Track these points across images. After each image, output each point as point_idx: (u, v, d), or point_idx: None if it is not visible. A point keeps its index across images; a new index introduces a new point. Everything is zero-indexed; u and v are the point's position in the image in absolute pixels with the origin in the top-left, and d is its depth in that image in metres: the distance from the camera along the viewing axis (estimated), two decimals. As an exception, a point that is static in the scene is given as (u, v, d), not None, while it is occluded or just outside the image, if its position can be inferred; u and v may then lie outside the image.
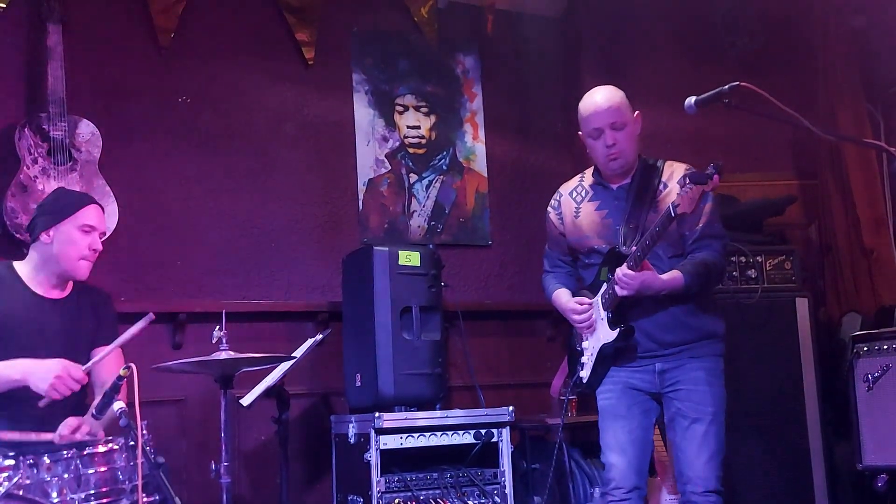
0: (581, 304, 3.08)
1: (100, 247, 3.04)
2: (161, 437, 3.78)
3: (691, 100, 2.90)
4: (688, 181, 2.70)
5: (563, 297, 3.19)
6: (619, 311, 2.97)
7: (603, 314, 3.02)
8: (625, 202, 3.05)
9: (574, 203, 3.18)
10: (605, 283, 3.01)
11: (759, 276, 4.07)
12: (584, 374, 3.10)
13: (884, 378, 3.61)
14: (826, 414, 4.03)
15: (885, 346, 3.63)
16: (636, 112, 3.09)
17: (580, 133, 3.13)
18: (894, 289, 4.35)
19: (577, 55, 4.94)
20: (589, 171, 3.21)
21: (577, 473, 3.96)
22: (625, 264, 2.85)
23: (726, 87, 2.82)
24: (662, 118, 4.69)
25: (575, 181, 3.25)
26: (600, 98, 3.05)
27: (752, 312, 4.03)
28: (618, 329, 2.95)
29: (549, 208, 3.28)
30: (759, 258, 4.09)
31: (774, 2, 4.73)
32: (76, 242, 2.98)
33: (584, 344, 3.12)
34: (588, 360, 3.09)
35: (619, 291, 2.86)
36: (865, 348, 3.70)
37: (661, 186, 3.03)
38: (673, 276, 2.90)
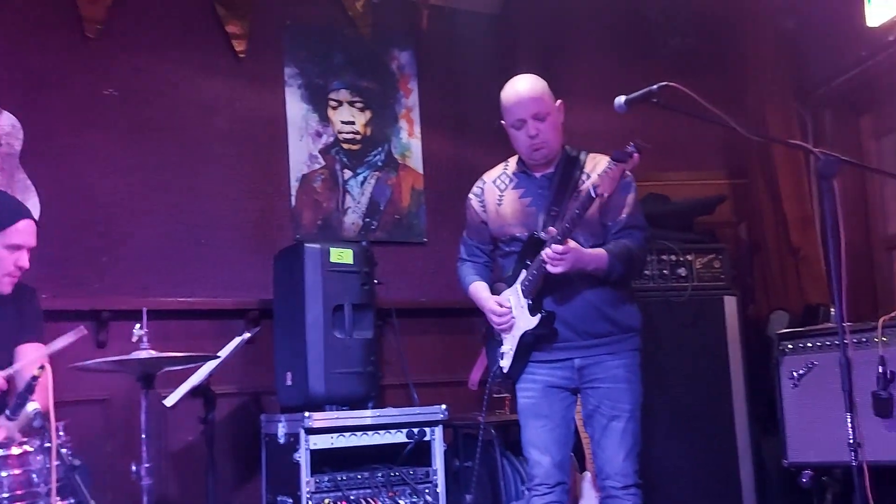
0: (501, 307, 3.06)
1: (27, 265, 2.95)
2: (84, 438, 3.71)
3: (621, 99, 2.92)
4: (609, 160, 2.73)
5: (481, 291, 3.16)
6: (540, 299, 2.97)
7: (523, 302, 3.00)
8: (548, 190, 3.05)
9: (497, 191, 3.16)
10: (524, 270, 3.00)
11: (689, 275, 4.12)
12: (505, 363, 3.07)
13: (809, 375, 3.67)
14: (753, 411, 4.10)
15: (811, 344, 3.69)
16: (558, 101, 3.09)
17: (502, 122, 3.12)
18: (821, 287, 4.43)
19: (513, 52, 4.93)
20: (513, 160, 3.20)
21: (508, 471, 3.96)
22: (550, 244, 2.83)
23: (655, 86, 2.84)
24: (597, 116, 4.69)
25: (499, 169, 3.23)
26: (522, 88, 3.04)
27: (682, 310, 4.07)
28: (539, 315, 2.94)
29: (470, 195, 3.25)
30: (689, 256, 4.13)
31: (707, 3, 4.79)
32: (2, 260, 2.88)
33: (506, 334, 3.10)
34: (509, 349, 3.07)
35: (552, 269, 2.83)
36: (791, 346, 3.76)
37: (583, 177, 3.03)
38: (599, 252, 2.91)
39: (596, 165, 3.03)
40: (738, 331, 4.12)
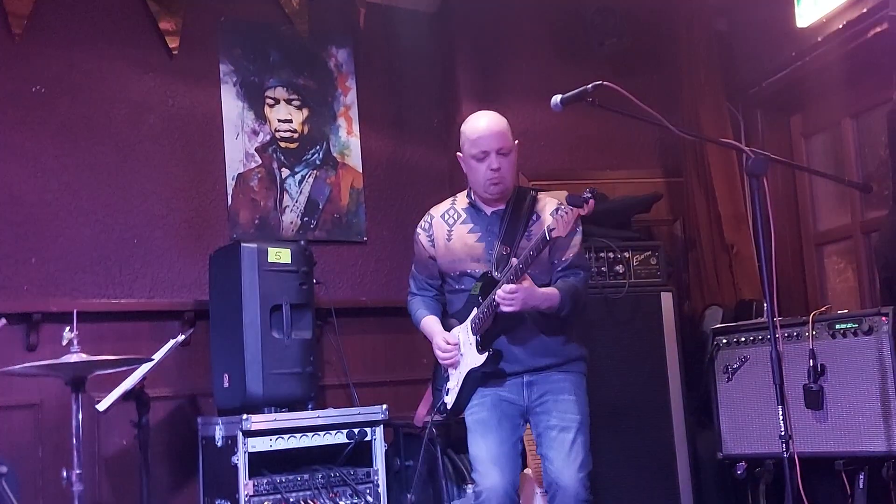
0: (448, 344, 3.06)
1: None
2: (13, 444, 3.64)
3: (557, 98, 2.94)
4: (565, 203, 2.74)
5: (433, 326, 3.16)
6: (488, 336, 2.99)
7: (472, 339, 3.01)
8: (498, 228, 3.06)
9: (446, 226, 3.15)
10: (475, 308, 3.01)
11: (626, 272, 4.16)
12: (450, 399, 3.09)
13: (742, 369, 3.75)
14: (689, 404, 4.16)
15: (744, 339, 3.77)
16: (517, 140, 3.10)
17: (459, 154, 3.11)
18: (754, 283, 4.52)
19: (451, 51, 4.94)
20: (461, 195, 3.20)
21: (450, 470, 3.96)
22: (502, 284, 2.85)
23: (590, 85, 2.87)
24: (535, 115, 4.77)
25: (447, 204, 3.22)
26: (490, 121, 3.06)
27: (619, 307, 4.11)
28: (486, 353, 2.96)
29: (418, 230, 3.22)
30: (626, 254, 4.18)
31: (642, 4, 4.85)
32: None
33: (452, 371, 3.10)
34: (454, 386, 3.07)
35: (506, 308, 2.84)
36: (725, 341, 3.83)
37: (533, 216, 3.07)
38: (550, 290, 2.94)
39: (546, 205, 3.08)
40: (675, 326, 4.18)
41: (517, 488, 3.03)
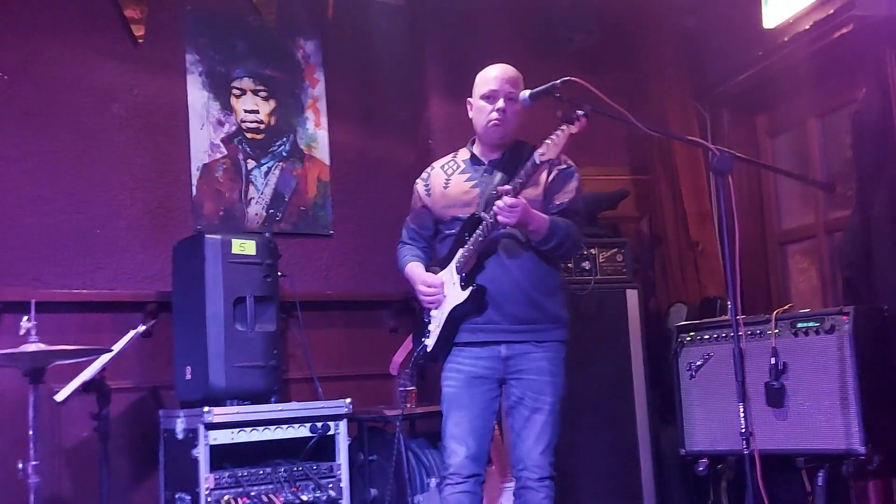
0: (434, 280, 3.12)
1: None
2: (-30, 437, 3.57)
3: (525, 93, 2.97)
4: (559, 115, 2.80)
5: (415, 270, 3.23)
6: (472, 275, 3.03)
7: (455, 278, 3.05)
8: (491, 175, 3.12)
9: (445, 175, 3.23)
10: (460, 249, 3.05)
11: (592, 268, 4.18)
12: (430, 341, 3.13)
13: (706, 367, 3.77)
14: (653, 401, 4.19)
15: (707, 336, 3.79)
16: (525, 96, 3.07)
17: (469, 100, 3.20)
18: (718, 281, 4.55)
19: (421, 44, 4.91)
20: (463, 150, 3.28)
21: (414, 464, 3.95)
22: (503, 197, 2.86)
23: (558, 81, 2.88)
24: (504, 110, 4.75)
25: (448, 157, 3.31)
26: (504, 68, 3.17)
27: (585, 303, 4.12)
28: (469, 289, 3.00)
29: (418, 181, 3.31)
30: (592, 250, 4.19)
31: (611, 1, 4.86)
32: None
33: (435, 313, 3.15)
34: (435, 328, 3.12)
35: (503, 219, 2.87)
36: (689, 338, 3.85)
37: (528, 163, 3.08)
38: (543, 216, 2.99)
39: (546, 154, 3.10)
40: (640, 323, 4.20)
41: (484, 464, 3.08)
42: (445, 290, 3.10)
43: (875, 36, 3.54)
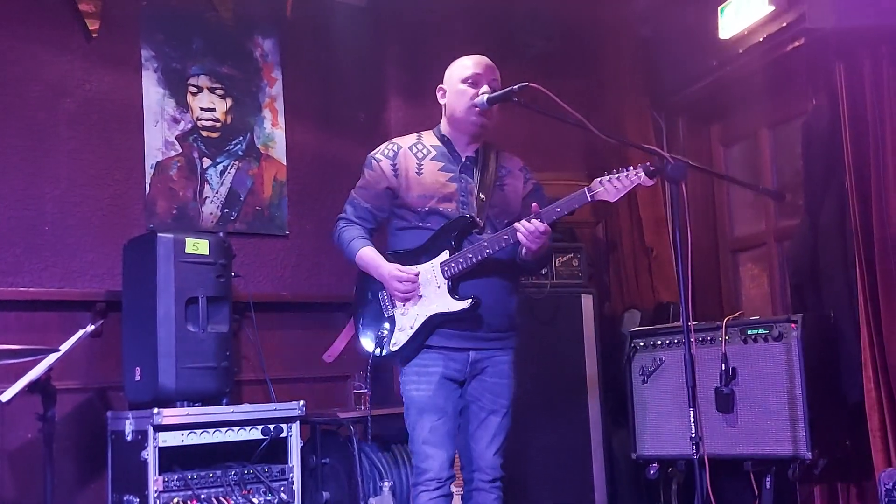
0: (408, 276, 2.92)
1: None
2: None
3: (483, 97, 2.98)
4: (643, 172, 2.78)
5: (376, 258, 3.00)
6: (458, 283, 2.91)
7: (441, 282, 2.91)
8: (471, 174, 3.02)
9: (415, 158, 3.03)
10: (447, 250, 2.92)
11: (548, 273, 4.20)
12: (400, 339, 2.94)
13: (658, 372, 3.82)
14: (607, 405, 4.22)
15: (660, 342, 3.84)
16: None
17: (441, 87, 3.09)
18: (671, 287, 4.60)
19: (381, 46, 4.90)
20: (427, 132, 3.13)
21: (367, 467, 3.94)
22: (532, 219, 2.81)
23: (516, 86, 2.90)
24: (462, 114, 4.75)
25: (412, 138, 3.11)
26: (484, 58, 3.09)
27: (540, 307, 4.15)
28: (469, 301, 2.87)
29: (378, 156, 3.06)
30: (547, 255, 4.21)
31: (569, 7, 4.89)
32: None
33: (403, 308, 2.96)
34: (408, 326, 2.94)
35: (529, 243, 2.81)
36: (642, 343, 3.89)
37: (501, 170, 3.07)
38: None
39: (511, 161, 3.14)
40: (594, 328, 4.24)
41: (453, 464, 3.03)
42: (423, 288, 2.94)
43: (825, 49, 3.61)
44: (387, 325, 2.99)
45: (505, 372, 3.03)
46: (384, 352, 2.98)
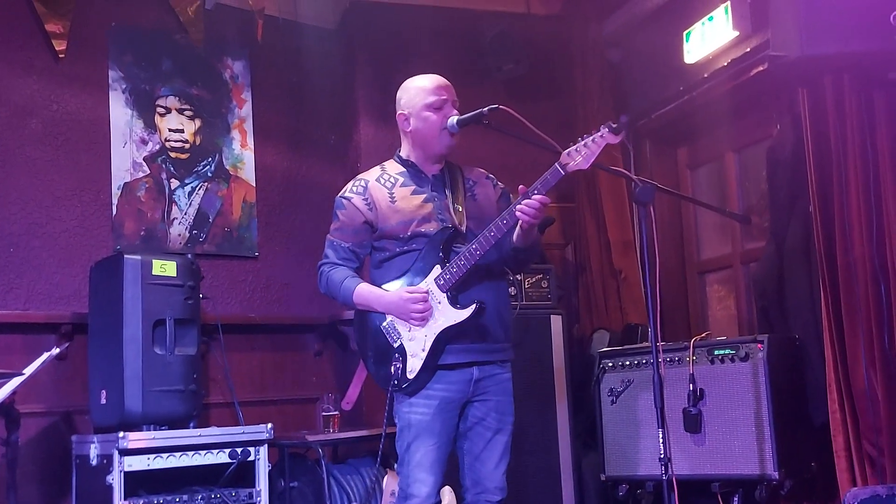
0: (420, 295, 2.84)
1: None
2: None
3: (453, 119, 2.98)
4: (607, 130, 2.76)
5: (375, 290, 2.94)
6: (456, 293, 2.86)
7: (440, 297, 2.85)
8: (440, 191, 3.00)
9: (385, 189, 3.00)
10: (437, 266, 2.88)
11: (518, 294, 4.20)
12: (415, 365, 2.85)
13: (626, 392, 3.84)
14: (576, 426, 4.22)
15: (629, 363, 3.86)
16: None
17: (403, 112, 3.02)
18: (640, 308, 4.64)
19: (351, 69, 4.92)
20: (388, 162, 3.10)
21: (336, 491, 3.91)
22: (527, 197, 2.80)
23: (486, 108, 2.92)
24: (432, 136, 4.77)
25: (376, 171, 3.07)
26: (439, 77, 3.06)
27: (510, 329, 4.15)
28: (474, 306, 2.82)
29: (349, 195, 3.01)
30: (518, 276, 4.22)
31: (539, 31, 4.94)
32: None
33: (410, 334, 2.88)
34: (420, 350, 2.86)
35: (529, 218, 2.80)
36: (611, 364, 3.92)
37: (468, 182, 3.08)
38: None
39: (476, 172, 3.14)
40: (563, 349, 4.24)
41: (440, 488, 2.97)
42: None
43: (788, 75, 3.66)
44: (398, 356, 2.90)
45: (508, 389, 2.99)
46: (404, 384, 2.88)
